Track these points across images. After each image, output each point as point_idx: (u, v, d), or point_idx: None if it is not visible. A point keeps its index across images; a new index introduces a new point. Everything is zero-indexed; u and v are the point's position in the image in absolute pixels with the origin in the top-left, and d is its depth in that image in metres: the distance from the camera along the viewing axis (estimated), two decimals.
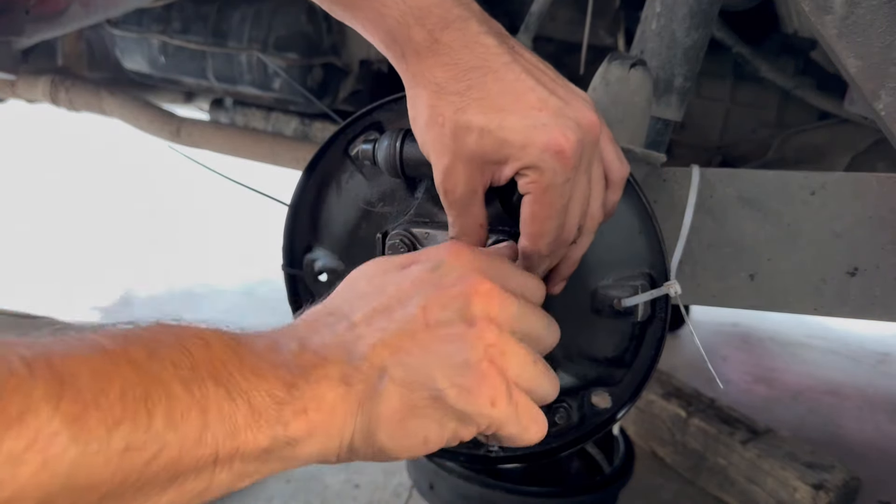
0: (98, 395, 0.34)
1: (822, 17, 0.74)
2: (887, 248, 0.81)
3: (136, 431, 0.35)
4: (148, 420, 0.36)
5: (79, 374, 0.34)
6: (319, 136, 1.61)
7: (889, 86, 0.74)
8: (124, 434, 0.35)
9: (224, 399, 0.39)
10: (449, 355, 0.49)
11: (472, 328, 0.50)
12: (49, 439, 0.32)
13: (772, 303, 0.87)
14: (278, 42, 1.45)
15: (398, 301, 0.51)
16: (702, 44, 0.90)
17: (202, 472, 0.39)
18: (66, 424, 0.32)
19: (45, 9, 1.34)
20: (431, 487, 1.35)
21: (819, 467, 1.54)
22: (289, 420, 0.42)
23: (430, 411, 0.48)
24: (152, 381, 0.37)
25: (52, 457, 0.32)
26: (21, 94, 1.70)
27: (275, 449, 0.42)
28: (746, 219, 0.86)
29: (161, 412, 0.36)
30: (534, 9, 1.01)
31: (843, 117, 1.37)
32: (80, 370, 0.35)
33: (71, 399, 0.33)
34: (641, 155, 0.81)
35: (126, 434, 0.35)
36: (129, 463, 0.35)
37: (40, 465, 0.31)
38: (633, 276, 0.70)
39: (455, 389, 0.48)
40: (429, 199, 0.70)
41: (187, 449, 0.37)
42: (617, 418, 0.75)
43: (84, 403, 0.33)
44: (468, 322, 0.50)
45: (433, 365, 0.48)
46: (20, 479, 0.31)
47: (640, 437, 1.81)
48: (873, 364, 2.51)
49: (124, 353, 0.37)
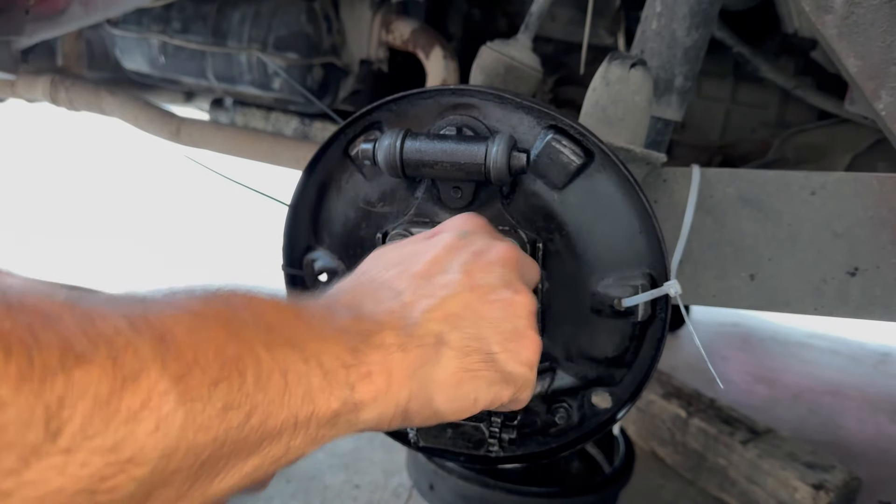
0: (197, 355, 0.34)
1: (823, 16, 0.74)
2: (888, 248, 0.81)
3: (232, 392, 0.35)
4: (241, 381, 0.35)
5: (177, 333, 0.34)
6: (319, 136, 1.60)
7: (889, 85, 0.74)
8: (222, 394, 0.34)
9: (299, 362, 0.40)
10: (499, 320, 0.52)
11: (517, 295, 0.54)
12: (160, 398, 0.31)
13: (772, 303, 0.87)
14: (278, 42, 1.45)
15: (437, 267, 0.54)
16: (702, 43, 0.90)
17: (283, 435, 0.39)
18: (174, 383, 0.32)
19: (44, 8, 1.34)
20: (431, 488, 1.35)
21: (819, 467, 1.54)
22: (355, 383, 0.43)
23: (483, 373, 0.51)
24: (240, 342, 0.37)
25: (164, 416, 0.31)
26: (21, 94, 1.70)
27: (343, 413, 0.42)
28: (747, 219, 0.85)
29: (251, 373, 0.36)
30: (534, 9, 1.01)
31: (843, 117, 1.36)
32: (177, 329, 0.34)
33: (174, 358, 0.32)
34: (642, 155, 0.81)
35: (224, 394, 0.34)
36: (226, 424, 0.34)
37: (155, 425, 0.30)
38: (633, 276, 0.69)
39: (507, 354, 0.52)
40: (429, 199, 0.70)
41: (272, 411, 0.37)
42: (617, 418, 0.74)
43: (186, 363, 0.33)
44: (513, 288, 0.54)
45: (486, 330, 0.51)
46: (140, 439, 0.30)
47: (641, 437, 1.81)
48: (874, 364, 2.51)
49: (213, 314, 0.37)
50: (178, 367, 0.32)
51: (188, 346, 0.33)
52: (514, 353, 0.53)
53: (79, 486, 0.27)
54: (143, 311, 0.33)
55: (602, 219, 0.69)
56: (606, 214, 0.69)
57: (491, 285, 0.53)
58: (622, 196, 0.68)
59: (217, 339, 0.35)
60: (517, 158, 0.64)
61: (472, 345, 0.50)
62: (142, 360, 0.31)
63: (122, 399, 0.29)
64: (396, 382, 0.45)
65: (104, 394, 0.28)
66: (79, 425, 0.27)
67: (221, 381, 0.34)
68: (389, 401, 0.45)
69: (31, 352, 0.26)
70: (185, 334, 0.34)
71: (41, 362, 0.26)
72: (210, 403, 0.33)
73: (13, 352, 0.26)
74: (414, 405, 0.47)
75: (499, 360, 0.52)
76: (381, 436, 0.53)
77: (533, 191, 0.70)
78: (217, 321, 0.37)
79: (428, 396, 0.48)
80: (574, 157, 0.67)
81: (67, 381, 0.27)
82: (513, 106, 0.70)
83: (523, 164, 0.64)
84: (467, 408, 0.51)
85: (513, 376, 0.53)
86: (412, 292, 0.51)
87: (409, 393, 0.46)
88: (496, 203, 0.70)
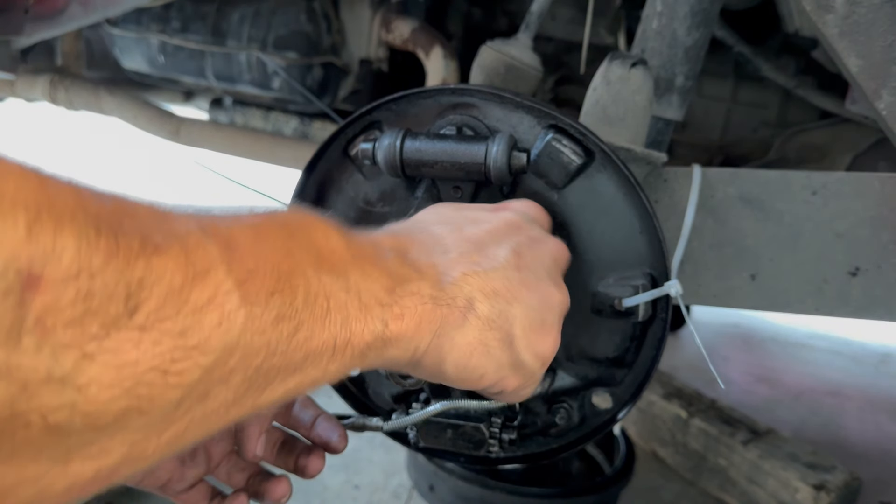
0: (259, 263, 0.35)
1: (824, 16, 0.74)
2: (889, 248, 0.81)
3: (285, 304, 0.36)
4: (292, 296, 0.37)
5: (241, 241, 0.35)
6: (319, 136, 1.60)
7: (890, 85, 0.73)
8: (276, 304, 0.35)
9: (342, 290, 0.41)
10: (531, 308, 0.53)
11: (557, 290, 0.55)
12: (225, 297, 0.33)
13: (773, 303, 0.87)
14: (278, 41, 1.45)
15: (492, 238, 0.54)
16: (703, 43, 0.89)
17: (321, 358, 0.40)
18: (237, 285, 0.33)
19: (44, 8, 1.33)
20: (431, 489, 1.35)
21: (820, 468, 1.54)
22: (388, 321, 0.44)
23: (497, 352, 0.51)
24: (293, 261, 0.38)
25: (227, 314, 0.32)
26: (20, 94, 1.70)
27: (374, 346, 0.43)
28: (748, 219, 0.85)
29: (301, 291, 0.37)
30: (534, 8, 1.01)
31: (844, 117, 1.36)
32: (242, 238, 0.36)
33: (238, 263, 0.34)
34: (642, 154, 0.81)
35: (278, 305, 0.36)
36: (278, 334, 0.36)
37: (218, 320, 0.32)
38: (633, 276, 0.69)
39: (526, 340, 0.52)
40: (429, 199, 0.70)
41: (316, 331, 0.38)
42: (618, 419, 0.74)
43: (248, 269, 0.34)
44: (556, 282, 0.56)
45: (516, 312, 0.52)
46: (205, 329, 0.31)
47: (641, 437, 1.81)
48: (875, 364, 2.51)
49: (273, 231, 0.39)
50: (241, 271, 0.34)
51: (250, 255, 0.35)
52: (533, 343, 0.53)
53: (152, 363, 0.29)
54: (211, 220, 0.36)
55: (602, 218, 0.69)
56: (607, 214, 0.69)
57: (536, 273, 0.54)
58: (623, 196, 0.68)
59: (275, 254, 0.37)
60: (517, 158, 0.64)
61: (497, 321, 0.51)
62: (210, 259, 0.33)
63: (192, 291, 0.31)
64: (421, 331, 0.47)
65: (177, 284, 0.30)
66: (154, 307, 0.29)
67: (276, 293, 0.36)
68: (410, 345, 0.47)
69: (117, 234, 0.28)
70: (248, 244, 0.36)
71: (126, 244, 0.28)
72: (267, 310, 0.35)
73: (102, 231, 0.28)
74: (427, 359, 0.49)
75: (516, 346, 0.52)
76: (380, 436, 0.52)
77: (533, 190, 0.70)
78: (276, 238, 0.38)
79: (441, 355, 0.49)
80: (574, 157, 0.67)
81: (147, 266, 0.29)
82: (513, 105, 0.69)
83: (523, 163, 0.64)
84: (472, 381, 0.52)
85: (524, 366, 0.53)
86: (459, 254, 0.51)
87: (427, 345, 0.48)
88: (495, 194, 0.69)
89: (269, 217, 0.40)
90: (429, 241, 0.52)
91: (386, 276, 0.45)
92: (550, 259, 0.57)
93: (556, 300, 0.56)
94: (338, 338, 0.40)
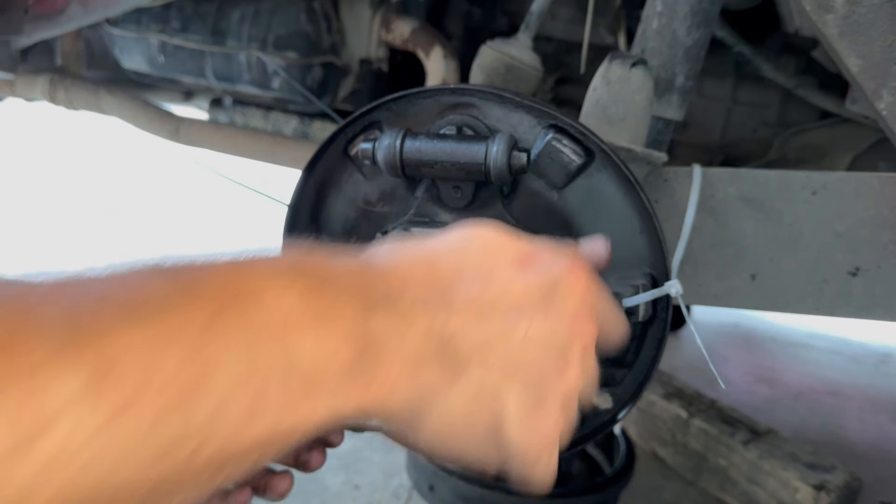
0: (142, 384, 0.30)
1: (824, 16, 0.74)
2: (889, 248, 0.81)
3: (179, 425, 0.32)
4: (192, 411, 0.32)
5: (122, 354, 0.30)
6: (319, 136, 1.60)
7: (891, 85, 0.73)
8: (167, 428, 0.32)
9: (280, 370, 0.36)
10: (530, 381, 0.46)
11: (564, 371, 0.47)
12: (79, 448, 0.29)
13: (773, 303, 0.87)
14: (278, 41, 1.45)
15: (506, 303, 0.46)
16: (703, 43, 0.89)
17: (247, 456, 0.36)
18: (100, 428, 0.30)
19: (43, 8, 1.33)
20: (431, 489, 1.35)
21: (820, 468, 1.54)
22: (350, 392, 0.39)
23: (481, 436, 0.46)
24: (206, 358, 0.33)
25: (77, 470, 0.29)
26: (20, 93, 1.70)
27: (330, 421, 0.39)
28: (748, 218, 0.85)
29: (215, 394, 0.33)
30: (534, 8, 1.01)
31: (844, 117, 1.36)
32: (125, 349, 0.30)
33: (109, 392, 0.30)
34: (642, 154, 0.81)
35: (171, 426, 0.32)
36: (171, 461, 0.32)
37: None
38: (633, 275, 0.69)
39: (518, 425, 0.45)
40: (429, 199, 0.70)
41: (232, 437, 0.34)
42: (618, 419, 0.74)
43: (125, 397, 0.30)
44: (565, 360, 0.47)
45: (511, 384, 0.45)
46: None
47: (641, 437, 1.81)
48: (875, 364, 2.51)
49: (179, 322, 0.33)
50: (109, 407, 0.29)
51: (132, 375, 0.30)
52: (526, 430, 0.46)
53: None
54: (93, 315, 0.31)
55: (603, 218, 0.69)
56: (607, 214, 0.69)
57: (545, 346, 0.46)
58: (623, 196, 0.68)
59: (176, 360, 0.32)
60: (517, 158, 0.64)
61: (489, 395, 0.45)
62: (64, 397, 0.28)
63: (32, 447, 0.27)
64: (394, 401, 0.42)
65: (7, 445, 0.27)
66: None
67: (169, 410, 0.32)
68: (375, 412, 0.42)
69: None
70: (134, 356, 0.31)
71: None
72: (152, 436, 0.31)
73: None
74: (398, 423, 0.44)
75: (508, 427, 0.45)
76: (380, 436, 0.52)
77: (533, 190, 0.69)
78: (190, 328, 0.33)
79: (416, 426, 0.44)
80: (574, 157, 0.67)
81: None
82: (513, 105, 0.69)
83: (524, 163, 0.64)
84: (446, 458, 0.47)
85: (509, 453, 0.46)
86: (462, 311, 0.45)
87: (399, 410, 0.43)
88: (496, 203, 0.69)
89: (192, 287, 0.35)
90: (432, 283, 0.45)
91: (353, 340, 0.39)
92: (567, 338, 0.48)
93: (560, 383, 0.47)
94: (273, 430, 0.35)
